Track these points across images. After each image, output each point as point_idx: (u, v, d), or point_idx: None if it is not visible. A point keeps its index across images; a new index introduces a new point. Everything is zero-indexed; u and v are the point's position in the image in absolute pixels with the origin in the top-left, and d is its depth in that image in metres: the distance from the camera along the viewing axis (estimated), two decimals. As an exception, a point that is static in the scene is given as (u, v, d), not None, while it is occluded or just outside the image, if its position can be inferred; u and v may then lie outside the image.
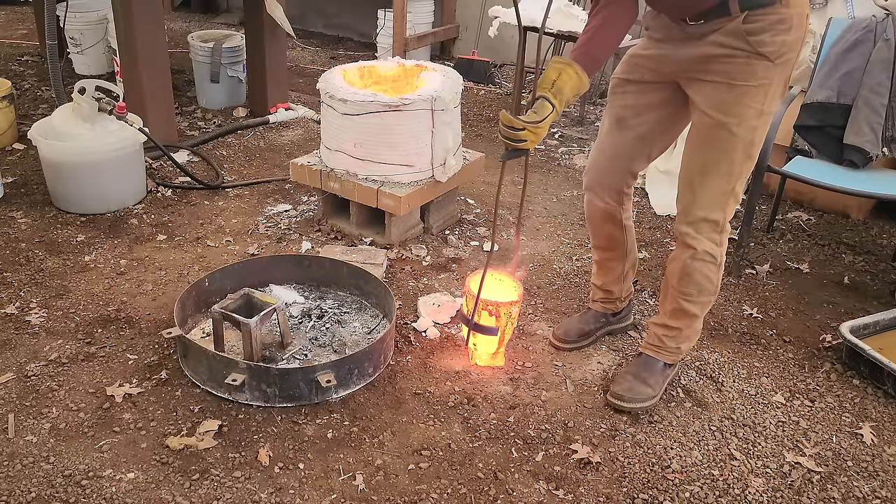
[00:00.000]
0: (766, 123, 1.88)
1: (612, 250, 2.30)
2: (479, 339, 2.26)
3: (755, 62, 1.77)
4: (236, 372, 2.06)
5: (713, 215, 1.95)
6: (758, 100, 1.81)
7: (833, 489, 1.93)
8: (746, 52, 1.77)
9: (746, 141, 1.85)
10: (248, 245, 2.95)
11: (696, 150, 1.93)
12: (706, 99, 1.86)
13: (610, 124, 2.11)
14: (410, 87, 3.05)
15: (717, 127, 1.85)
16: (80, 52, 4.77)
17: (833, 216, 3.50)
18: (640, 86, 2.03)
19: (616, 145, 2.11)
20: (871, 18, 2.97)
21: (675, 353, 2.18)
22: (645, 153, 2.12)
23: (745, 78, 1.79)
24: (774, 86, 1.82)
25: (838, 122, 2.92)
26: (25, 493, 1.78)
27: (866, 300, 2.81)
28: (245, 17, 4.24)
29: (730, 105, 1.82)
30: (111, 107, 3.01)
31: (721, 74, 1.81)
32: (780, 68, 1.80)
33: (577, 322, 2.44)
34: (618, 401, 2.13)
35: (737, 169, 1.89)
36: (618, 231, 2.24)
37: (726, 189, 1.91)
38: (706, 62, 1.83)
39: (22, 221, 3.02)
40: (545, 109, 1.83)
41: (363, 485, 1.86)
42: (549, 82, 1.84)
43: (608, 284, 2.38)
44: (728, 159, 1.87)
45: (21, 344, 2.30)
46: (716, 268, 2.02)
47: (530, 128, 1.82)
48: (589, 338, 2.42)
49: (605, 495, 1.87)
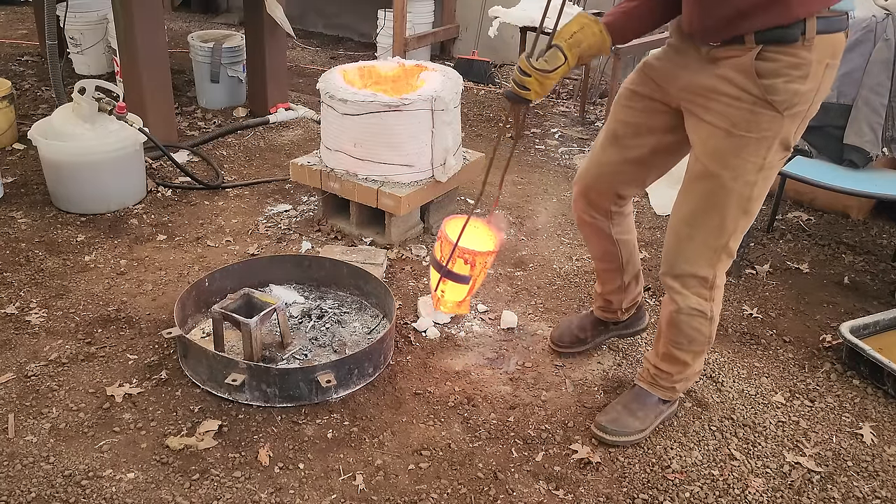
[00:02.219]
0: (768, 178, 1.68)
1: (608, 262, 2.15)
2: (449, 286, 2.13)
3: (760, 111, 1.58)
4: (236, 372, 2.06)
5: (701, 271, 1.78)
6: (759, 154, 1.63)
7: (833, 489, 1.93)
8: (753, 98, 1.58)
9: (743, 197, 1.68)
10: (248, 245, 2.95)
11: (685, 199, 1.76)
12: (702, 143, 1.69)
13: (605, 138, 1.95)
14: (410, 87, 3.05)
15: (710, 178, 1.68)
16: (80, 52, 4.77)
17: (833, 216, 3.50)
18: (646, 103, 1.84)
19: (605, 163, 1.95)
20: (871, 18, 2.97)
21: (671, 391, 2.04)
22: (638, 178, 1.95)
23: (747, 127, 1.61)
24: (780, 139, 1.62)
25: (838, 122, 2.92)
26: (25, 493, 1.78)
27: (866, 300, 2.81)
28: (245, 17, 4.24)
29: (726, 156, 1.64)
30: (111, 107, 3.01)
31: (721, 118, 1.63)
32: (789, 121, 1.60)
33: (574, 326, 2.34)
34: (600, 432, 2.01)
35: (730, 225, 1.72)
36: (610, 245, 2.09)
37: (716, 245, 1.74)
38: (710, 97, 1.65)
39: (22, 221, 3.02)
40: (556, 60, 1.67)
41: (363, 485, 1.86)
42: (569, 33, 1.67)
43: (608, 294, 2.24)
44: (720, 214, 1.70)
45: (21, 344, 2.30)
46: (706, 321, 1.87)
47: (538, 76, 1.67)
48: (585, 344, 2.33)
49: (605, 495, 1.87)
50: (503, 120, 1.85)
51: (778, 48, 1.54)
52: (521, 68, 1.69)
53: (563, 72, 1.68)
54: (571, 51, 1.67)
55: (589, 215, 2.04)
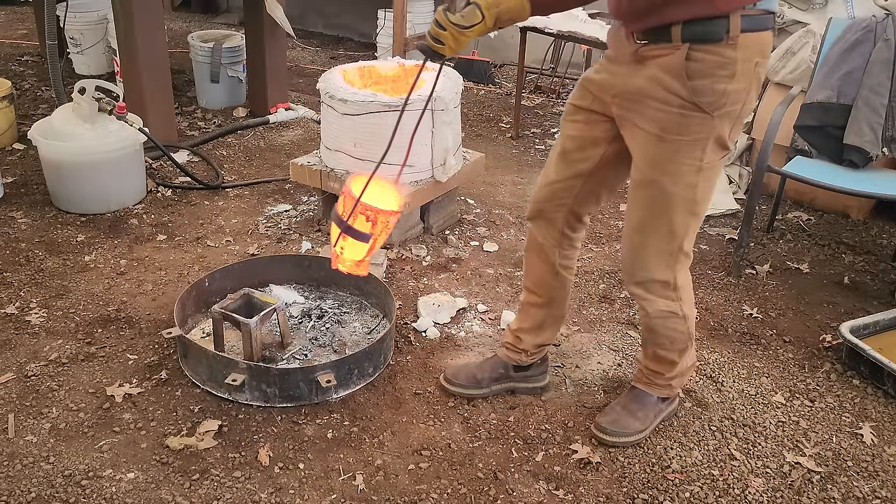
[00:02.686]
0: (710, 178, 1.68)
1: (539, 295, 2.08)
2: (349, 244, 2.06)
3: (689, 113, 1.58)
4: (236, 372, 2.06)
5: (661, 276, 1.78)
6: (694, 156, 1.63)
7: (833, 489, 1.93)
8: (680, 101, 1.58)
9: (687, 199, 1.68)
10: (248, 245, 2.95)
11: (633, 208, 1.77)
12: (640, 150, 1.70)
13: (555, 156, 1.92)
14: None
15: (652, 185, 1.68)
16: (80, 52, 4.77)
17: (833, 216, 3.50)
18: (587, 115, 1.82)
19: (557, 181, 1.91)
20: (871, 18, 2.97)
21: (668, 388, 2.04)
22: (591, 193, 1.91)
23: (678, 131, 1.60)
24: (713, 139, 1.62)
25: (838, 122, 2.92)
26: (25, 493, 1.78)
27: (866, 300, 2.81)
28: (245, 17, 4.24)
29: (662, 161, 1.65)
30: (111, 107, 3.01)
31: (652, 123, 1.64)
32: (720, 121, 1.60)
33: (473, 366, 2.21)
34: (600, 433, 2.01)
35: (680, 229, 1.72)
36: (549, 276, 2.03)
37: (670, 249, 1.74)
38: (641, 101, 1.65)
39: (22, 221, 3.02)
40: (474, 17, 1.63)
41: (363, 485, 1.86)
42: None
43: (521, 331, 2.14)
44: (667, 219, 1.71)
45: (21, 344, 2.30)
46: (680, 319, 1.87)
47: (453, 31, 1.63)
48: (480, 387, 2.15)
49: (605, 495, 1.87)
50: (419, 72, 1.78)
51: (704, 47, 1.54)
52: (438, 21, 1.65)
53: (480, 30, 1.65)
54: (489, 10, 1.64)
55: (542, 236, 1.99)
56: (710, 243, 3.19)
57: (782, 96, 3.24)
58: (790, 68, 3.51)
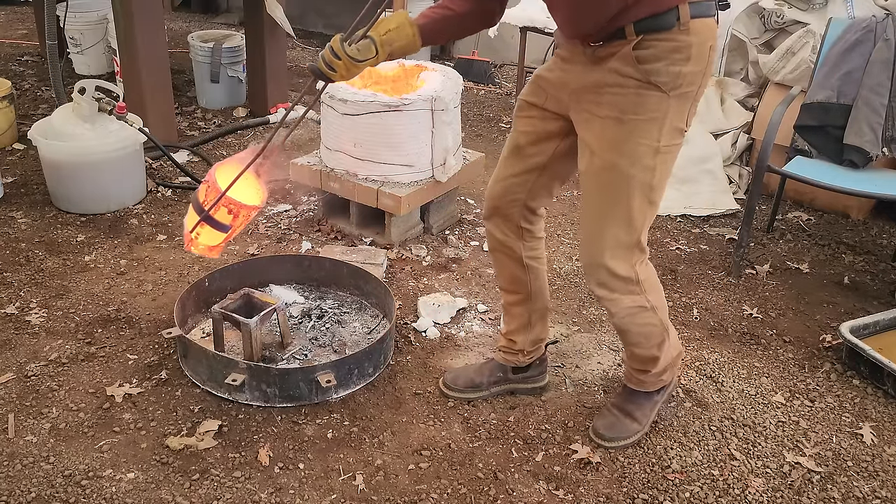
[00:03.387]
0: (666, 163, 1.69)
1: (516, 292, 2.07)
2: (206, 230, 2.08)
3: (646, 93, 1.61)
4: (236, 372, 2.06)
5: (621, 271, 1.77)
6: (651, 135, 1.64)
7: (833, 489, 1.93)
8: (637, 82, 1.61)
9: (644, 183, 1.68)
10: (248, 245, 2.95)
11: (590, 195, 1.77)
12: (596, 138, 1.70)
13: (508, 151, 1.94)
14: (410, 87, 3.05)
15: (610, 169, 1.69)
16: (80, 52, 4.77)
17: (833, 216, 3.50)
18: (541, 111, 1.84)
19: (510, 175, 1.93)
20: (871, 18, 2.97)
21: (657, 382, 2.04)
22: (544, 186, 1.93)
23: (635, 110, 1.63)
24: (669, 120, 1.64)
25: (838, 122, 2.92)
26: (25, 493, 1.78)
27: (866, 300, 2.81)
28: (245, 17, 4.24)
29: (620, 142, 1.66)
30: (111, 107, 3.01)
31: (611, 107, 1.66)
32: (676, 101, 1.63)
33: (472, 370, 2.21)
34: (599, 439, 2.02)
35: (637, 217, 1.72)
36: (519, 270, 2.02)
37: (628, 241, 1.74)
38: (599, 91, 1.67)
39: (22, 221, 3.02)
40: (368, 52, 1.68)
41: (363, 485, 1.86)
42: (384, 29, 1.69)
43: (512, 333, 2.13)
44: (626, 205, 1.71)
45: (21, 344, 2.30)
46: (650, 312, 1.85)
47: (347, 62, 1.68)
48: (480, 390, 2.16)
49: (605, 495, 1.87)
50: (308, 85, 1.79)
51: (656, 35, 1.59)
52: (334, 49, 1.69)
53: (372, 63, 1.71)
54: (383, 47, 1.69)
55: (501, 232, 1.99)
56: (710, 243, 3.19)
57: (782, 96, 3.24)
58: (790, 68, 3.51)
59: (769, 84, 3.67)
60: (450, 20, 1.79)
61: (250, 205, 2.03)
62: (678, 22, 1.58)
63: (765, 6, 3.71)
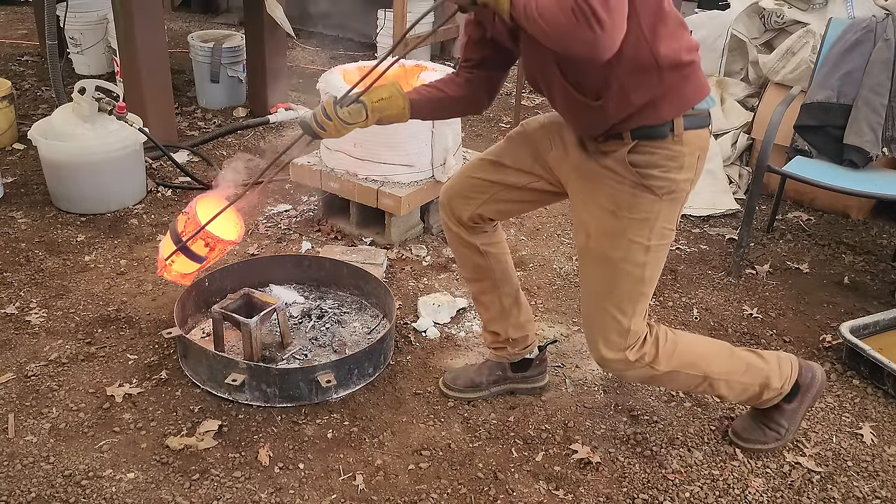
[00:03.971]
0: (657, 259, 1.74)
1: (480, 280, 2.06)
2: (181, 259, 2.15)
3: (640, 194, 1.67)
4: (236, 372, 2.06)
5: (610, 355, 1.80)
6: (643, 234, 1.69)
7: (833, 489, 1.93)
8: (633, 182, 1.66)
9: (635, 277, 1.73)
10: (248, 245, 2.95)
11: (585, 282, 1.82)
12: (593, 222, 1.74)
13: (488, 157, 1.94)
14: (410, 87, 3.03)
15: (603, 259, 1.74)
16: (80, 52, 4.77)
17: (833, 216, 3.50)
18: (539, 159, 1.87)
19: (478, 178, 1.93)
20: (871, 18, 2.97)
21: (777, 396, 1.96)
22: (503, 207, 1.95)
23: (630, 209, 1.68)
24: (660, 221, 1.70)
25: (838, 122, 2.92)
26: (25, 493, 1.78)
27: (866, 300, 2.81)
28: (245, 17, 4.24)
29: (614, 236, 1.71)
30: (111, 107, 3.01)
31: (608, 199, 1.70)
32: (668, 204, 1.69)
33: (471, 371, 2.22)
34: (737, 438, 2.05)
35: (628, 307, 1.75)
36: (478, 257, 2.01)
37: (620, 329, 1.76)
38: (598, 179, 1.72)
39: (22, 221, 3.02)
40: (359, 116, 1.72)
41: (363, 485, 1.86)
42: (377, 97, 1.73)
43: (490, 323, 2.12)
44: (617, 296, 1.75)
45: (21, 344, 2.30)
46: (670, 375, 1.84)
47: (337, 124, 1.72)
48: (480, 389, 2.17)
49: (605, 495, 1.87)
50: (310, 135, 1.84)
51: (652, 143, 1.65)
52: (326, 111, 1.72)
53: (361, 126, 1.75)
54: (374, 113, 1.74)
55: (454, 223, 1.99)
56: (710, 243, 3.19)
57: (782, 96, 3.24)
58: (790, 68, 3.51)
59: (769, 84, 3.67)
60: (440, 102, 1.85)
61: (227, 240, 2.13)
62: (672, 133, 1.63)
63: (765, 6, 3.71)
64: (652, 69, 1.57)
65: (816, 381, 2.00)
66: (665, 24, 1.57)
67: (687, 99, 1.63)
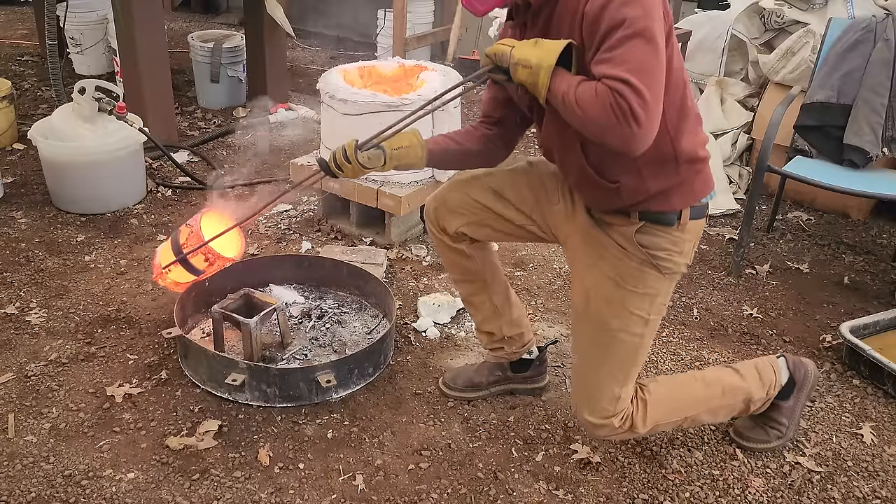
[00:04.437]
0: (653, 330, 1.78)
1: (471, 282, 2.04)
2: (178, 270, 2.18)
3: (647, 270, 1.70)
4: (236, 372, 2.06)
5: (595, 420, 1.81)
6: (643, 308, 1.72)
7: (833, 489, 1.93)
8: (640, 258, 1.70)
9: (631, 347, 1.76)
10: (248, 245, 2.95)
11: (579, 344, 1.85)
12: (595, 287, 1.75)
13: (493, 185, 1.91)
14: (410, 87, 3.05)
15: (601, 327, 1.76)
16: (80, 52, 4.77)
17: (833, 216, 3.50)
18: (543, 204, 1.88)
19: (473, 198, 1.91)
20: (871, 18, 2.97)
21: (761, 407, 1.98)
22: (490, 231, 1.94)
23: (634, 283, 1.71)
24: (661, 297, 1.74)
25: (838, 122, 2.92)
26: (25, 493, 1.78)
27: (866, 300, 2.81)
28: (245, 17, 4.25)
29: (615, 305, 1.73)
30: (111, 107, 3.01)
31: (613, 268, 1.72)
32: (668, 282, 1.74)
33: (471, 370, 2.21)
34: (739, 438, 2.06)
35: (620, 375, 1.77)
36: (463, 259, 1.99)
37: (610, 395, 1.77)
38: (602, 248, 1.74)
39: (22, 221, 3.02)
40: (377, 162, 1.72)
41: (363, 485, 1.86)
42: (397, 144, 1.73)
43: (485, 324, 2.10)
44: (610, 364, 1.77)
45: (21, 344, 2.30)
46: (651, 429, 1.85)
47: (356, 167, 1.72)
48: (479, 389, 2.17)
49: (605, 495, 1.87)
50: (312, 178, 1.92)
51: (658, 227, 1.69)
52: (346, 153, 1.72)
53: (378, 171, 1.76)
54: (391, 160, 1.74)
55: (438, 231, 1.98)
56: (710, 243, 3.19)
57: (782, 96, 3.24)
58: (790, 68, 3.51)
59: (769, 84, 3.67)
60: (458, 154, 1.85)
61: (227, 256, 2.18)
62: (678, 222, 1.69)
63: (765, 6, 3.71)
64: (670, 161, 1.62)
65: (810, 375, 2.03)
66: (687, 119, 1.62)
67: (696, 192, 1.68)
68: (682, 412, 1.89)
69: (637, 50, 1.40)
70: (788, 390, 2.00)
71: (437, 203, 1.96)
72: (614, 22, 1.41)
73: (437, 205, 1.96)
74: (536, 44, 1.52)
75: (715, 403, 1.90)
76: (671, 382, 1.94)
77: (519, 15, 1.66)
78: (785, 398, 2.00)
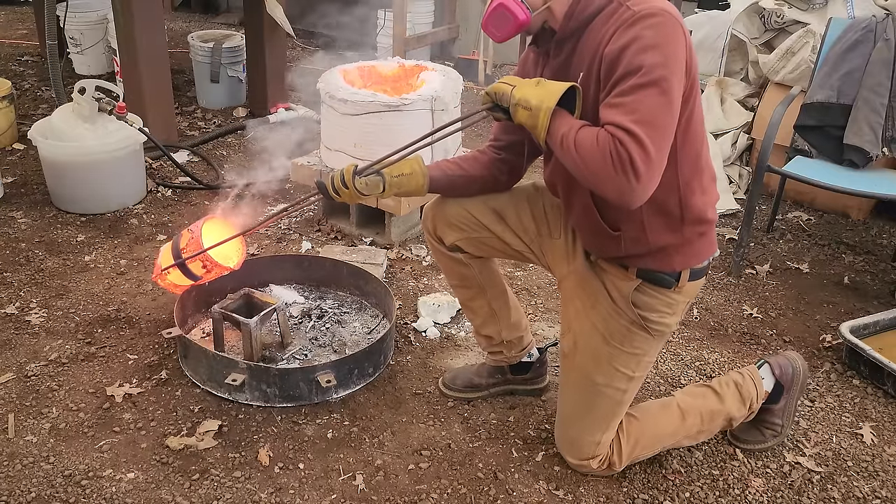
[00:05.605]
0: (637, 386, 1.79)
1: (468, 287, 2.01)
2: (176, 273, 2.19)
3: (636, 331, 1.70)
4: (236, 372, 2.06)
5: (574, 461, 1.87)
6: (629, 366, 1.74)
7: (833, 489, 1.93)
8: (630, 318, 1.69)
9: (614, 401, 1.78)
10: (248, 245, 2.95)
11: (564, 390, 1.87)
12: (583, 337, 1.76)
13: (496, 207, 1.88)
14: (410, 87, 3.05)
15: (585, 379, 1.77)
16: (80, 52, 4.77)
17: (833, 216, 3.50)
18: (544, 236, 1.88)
19: (472, 219, 1.88)
20: (871, 18, 2.97)
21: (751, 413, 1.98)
22: (483, 250, 1.93)
23: (622, 342, 1.71)
24: (648, 356, 1.75)
25: (838, 122, 2.92)
26: (25, 493, 1.78)
27: (866, 300, 2.81)
28: (245, 17, 4.24)
29: (601, 360, 1.74)
30: (111, 107, 3.01)
31: (602, 322, 1.72)
32: (656, 342, 1.74)
33: (471, 371, 2.20)
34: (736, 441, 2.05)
35: (601, 425, 1.80)
36: (461, 266, 1.97)
37: (591, 441, 1.81)
38: (595, 297, 1.74)
39: (22, 221, 3.02)
40: (376, 189, 1.69)
41: (363, 485, 1.86)
42: (398, 172, 1.71)
43: (483, 327, 2.08)
44: (593, 416, 1.80)
45: (21, 344, 2.30)
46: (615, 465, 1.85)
47: (354, 193, 1.69)
48: (479, 390, 2.16)
49: (605, 495, 1.87)
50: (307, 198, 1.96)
51: (654, 288, 1.68)
52: (344, 178, 1.69)
53: (378, 197, 1.74)
54: (391, 188, 1.71)
55: (434, 240, 1.96)
56: (710, 243, 3.19)
57: (782, 96, 3.24)
58: (790, 68, 3.51)
59: (769, 84, 3.67)
60: (461, 180, 1.84)
61: (226, 266, 2.19)
62: (676, 284, 1.67)
63: (765, 6, 3.71)
64: (676, 218, 1.60)
65: (799, 373, 2.02)
66: (700, 177, 1.59)
67: (698, 255, 1.67)
68: (659, 445, 1.91)
69: (649, 101, 1.35)
70: (777, 395, 2.01)
71: (436, 212, 1.93)
72: (631, 67, 1.37)
73: (435, 214, 1.93)
74: (538, 84, 1.48)
75: (693, 430, 1.92)
76: (649, 419, 1.90)
77: (544, 42, 1.63)
78: (775, 402, 2.01)
